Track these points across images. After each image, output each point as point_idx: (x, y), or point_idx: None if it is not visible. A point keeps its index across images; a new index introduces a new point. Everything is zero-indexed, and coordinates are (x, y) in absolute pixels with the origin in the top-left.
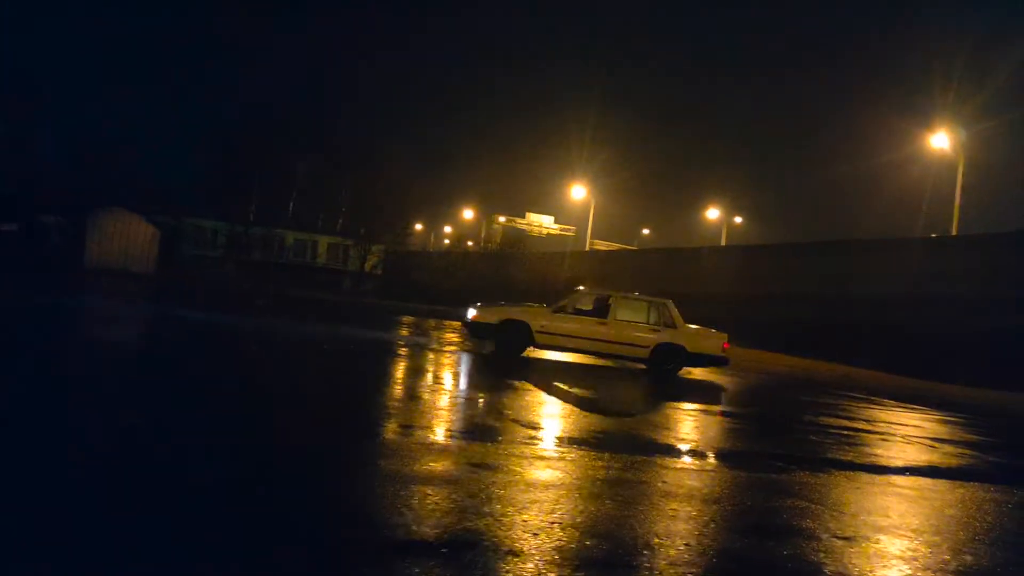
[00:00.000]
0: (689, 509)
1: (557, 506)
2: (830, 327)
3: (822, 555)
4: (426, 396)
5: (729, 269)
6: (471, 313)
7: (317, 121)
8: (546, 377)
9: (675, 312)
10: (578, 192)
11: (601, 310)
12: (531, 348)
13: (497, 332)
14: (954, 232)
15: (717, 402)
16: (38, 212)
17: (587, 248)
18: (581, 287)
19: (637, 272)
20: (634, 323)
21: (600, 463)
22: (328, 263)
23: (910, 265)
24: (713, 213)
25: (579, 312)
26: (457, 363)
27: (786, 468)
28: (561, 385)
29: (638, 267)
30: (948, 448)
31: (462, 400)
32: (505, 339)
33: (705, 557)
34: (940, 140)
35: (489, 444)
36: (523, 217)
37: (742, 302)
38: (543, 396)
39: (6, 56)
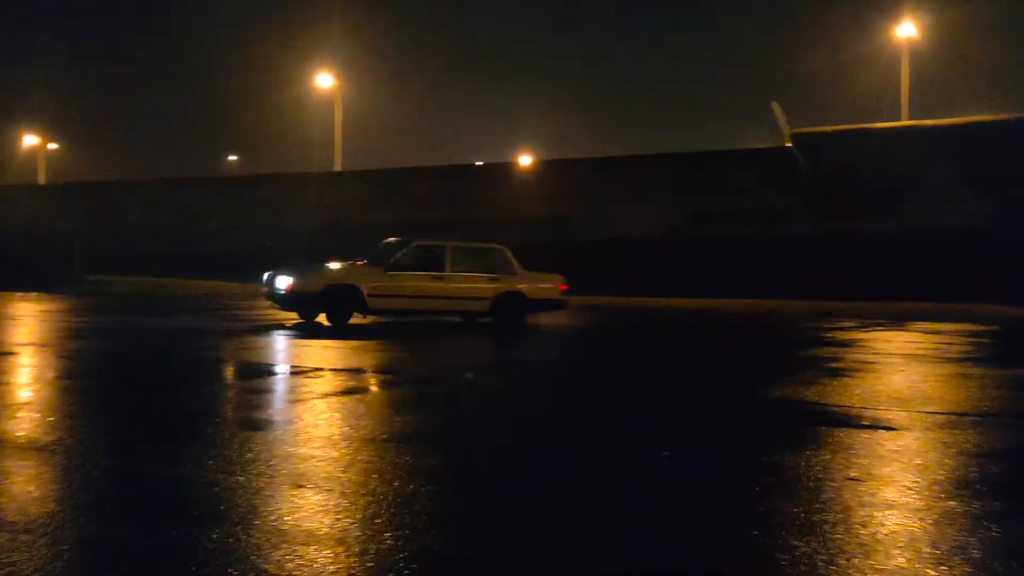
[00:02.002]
0: None
1: None
2: None
3: None
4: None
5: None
6: (286, 281)
7: None
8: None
9: (512, 258)
10: None
11: (436, 263)
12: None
13: (323, 301)
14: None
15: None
16: None
17: None
18: (392, 239)
19: None
20: (472, 274)
21: None
22: None
23: None
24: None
25: (413, 267)
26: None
27: None
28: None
29: None
30: None
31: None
32: (336, 307)
33: None
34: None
35: None
36: None
37: None
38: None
39: None
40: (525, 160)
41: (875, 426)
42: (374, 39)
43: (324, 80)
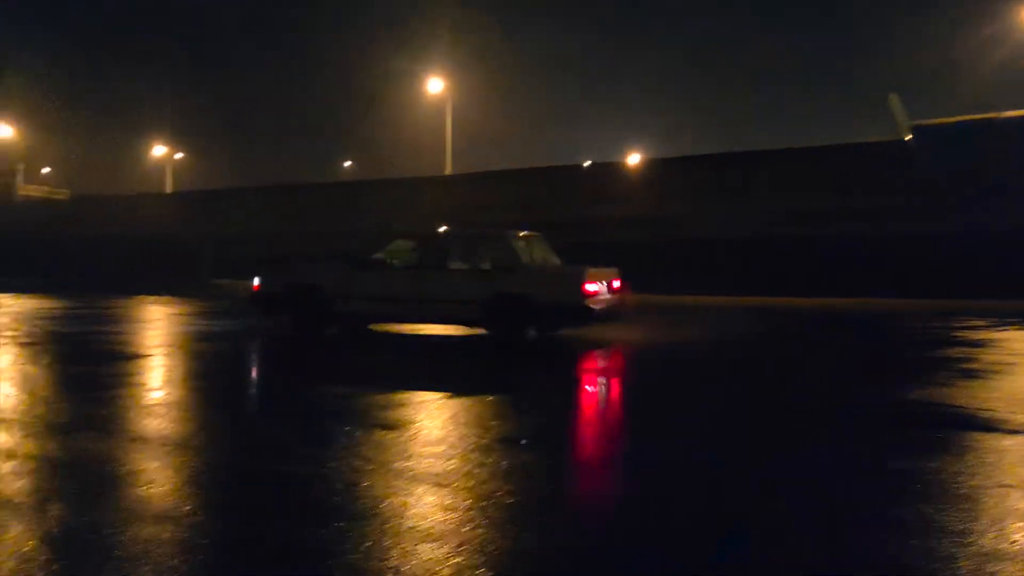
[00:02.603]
0: None
1: None
2: None
3: None
4: None
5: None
6: (255, 281)
7: None
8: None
9: (521, 249)
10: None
11: (414, 257)
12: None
13: (286, 304)
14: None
15: None
16: None
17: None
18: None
19: (75, 221)
20: (457, 271)
21: None
22: None
23: None
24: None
25: (389, 264)
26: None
27: None
28: None
29: (75, 215)
30: None
31: None
32: (298, 313)
33: None
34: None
35: None
36: None
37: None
38: None
39: None
40: (633, 159)
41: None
42: (484, 45)
43: (434, 85)
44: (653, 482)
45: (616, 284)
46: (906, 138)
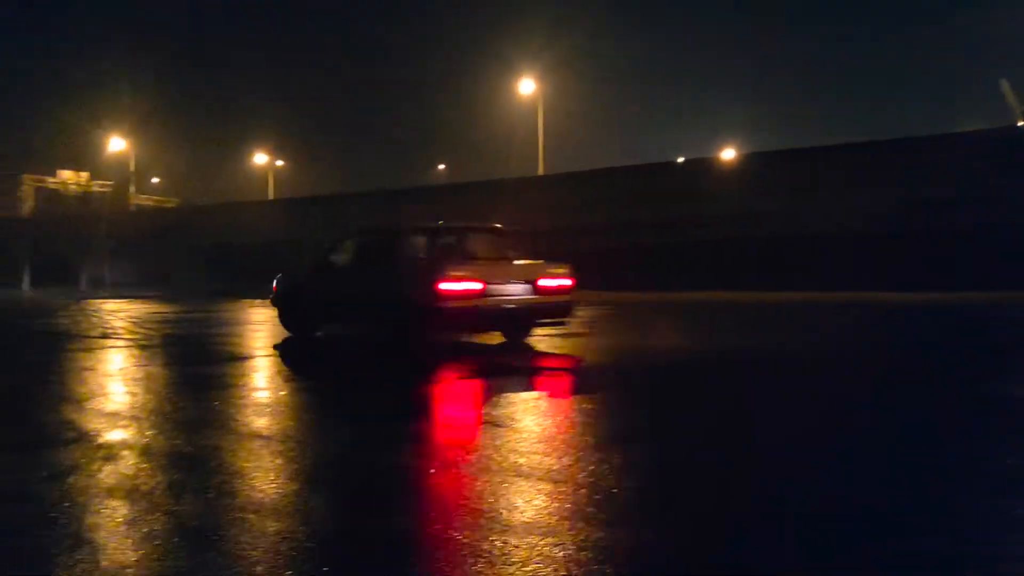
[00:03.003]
0: None
1: None
2: None
3: None
4: None
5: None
6: (273, 283)
7: None
8: None
9: (413, 242)
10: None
11: (347, 257)
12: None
13: (284, 305)
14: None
15: None
16: None
17: (130, 205)
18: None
19: (183, 228)
20: (371, 271)
21: None
22: None
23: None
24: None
25: (337, 266)
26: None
27: None
28: None
29: (183, 223)
30: None
31: None
32: (290, 315)
33: None
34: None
35: None
36: (53, 176)
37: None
38: None
39: None
40: (727, 154)
41: None
42: (576, 45)
43: (526, 86)
44: (769, 479)
45: (553, 283)
46: (1020, 123)
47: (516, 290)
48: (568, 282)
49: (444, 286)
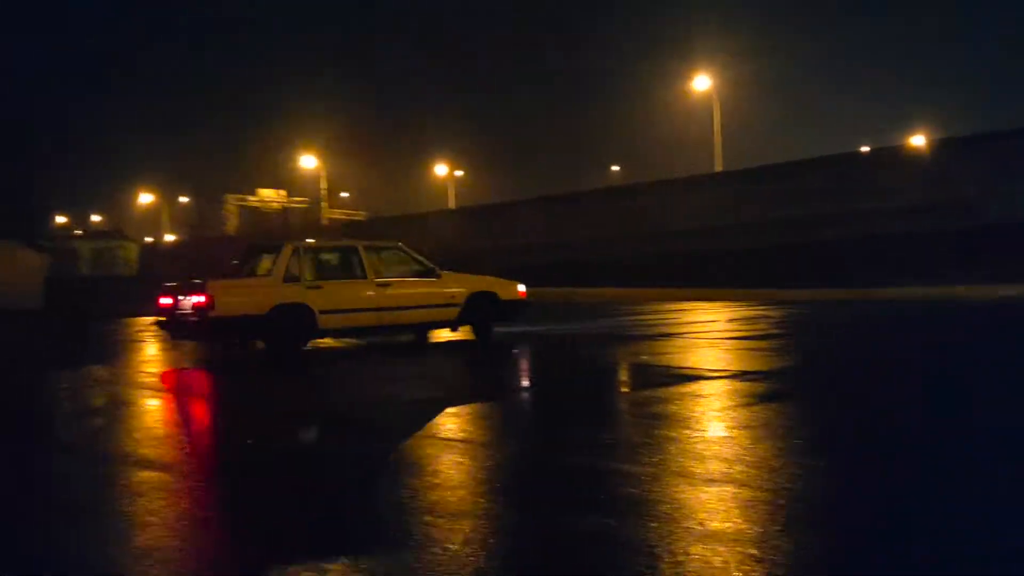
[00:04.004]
0: None
1: None
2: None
3: None
4: None
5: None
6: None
7: None
8: None
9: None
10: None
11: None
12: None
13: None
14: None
15: None
16: None
17: (323, 220)
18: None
19: (373, 240)
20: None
21: None
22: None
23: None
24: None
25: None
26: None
27: None
28: None
29: (376, 236)
30: None
31: None
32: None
33: None
34: (701, 82)
35: None
36: (254, 194)
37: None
38: None
39: None
40: (916, 140)
41: None
42: (751, 37)
43: (701, 82)
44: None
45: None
46: None
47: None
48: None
49: (165, 300)
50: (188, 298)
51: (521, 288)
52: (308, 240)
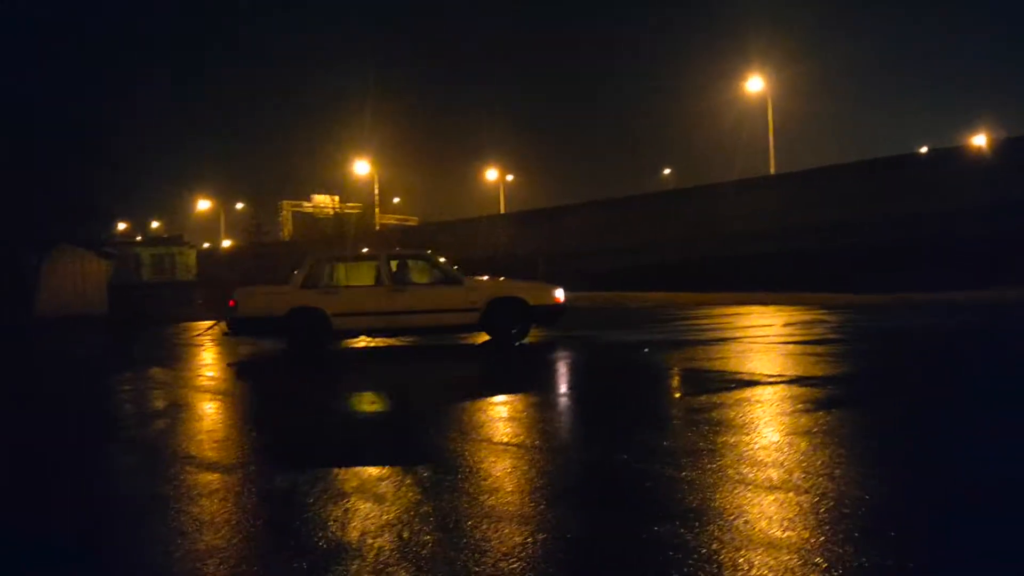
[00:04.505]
0: None
1: None
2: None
3: None
4: None
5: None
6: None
7: None
8: None
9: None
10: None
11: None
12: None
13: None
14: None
15: None
16: None
17: (376, 225)
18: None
19: (425, 245)
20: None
21: None
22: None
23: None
24: (491, 174)
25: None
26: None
27: None
28: None
29: (425, 241)
30: None
31: None
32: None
33: None
34: (754, 84)
35: None
36: (308, 200)
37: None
38: None
39: None
40: (978, 140)
41: None
42: (804, 38)
43: (754, 84)
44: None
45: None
46: None
47: None
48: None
49: None
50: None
51: (557, 293)
52: (335, 252)
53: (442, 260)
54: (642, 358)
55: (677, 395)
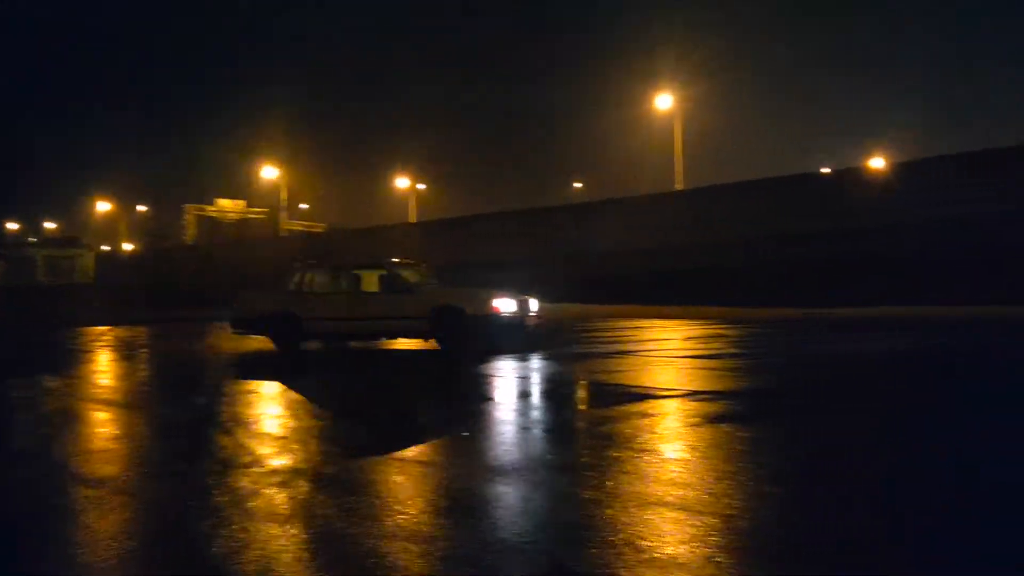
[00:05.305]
0: None
1: None
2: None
3: None
4: None
5: (415, 243)
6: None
7: None
8: None
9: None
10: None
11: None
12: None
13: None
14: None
15: None
16: None
17: (281, 231)
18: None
19: (326, 254)
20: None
21: None
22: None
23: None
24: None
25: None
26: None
27: None
28: None
29: (333, 248)
30: None
31: None
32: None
33: None
34: (663, 101)
35: None
36: (212, 204)
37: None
38: None
39: None
40: (876, 163)
41: None
42: (712, 56)
43: (663, 101)
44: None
45: None
46: None
47: None
48: None
49: None
50: None
51: (496, 303)
52: (312, 262)
53: (411, 268)
54: (541, 370)
55: (574, 408)
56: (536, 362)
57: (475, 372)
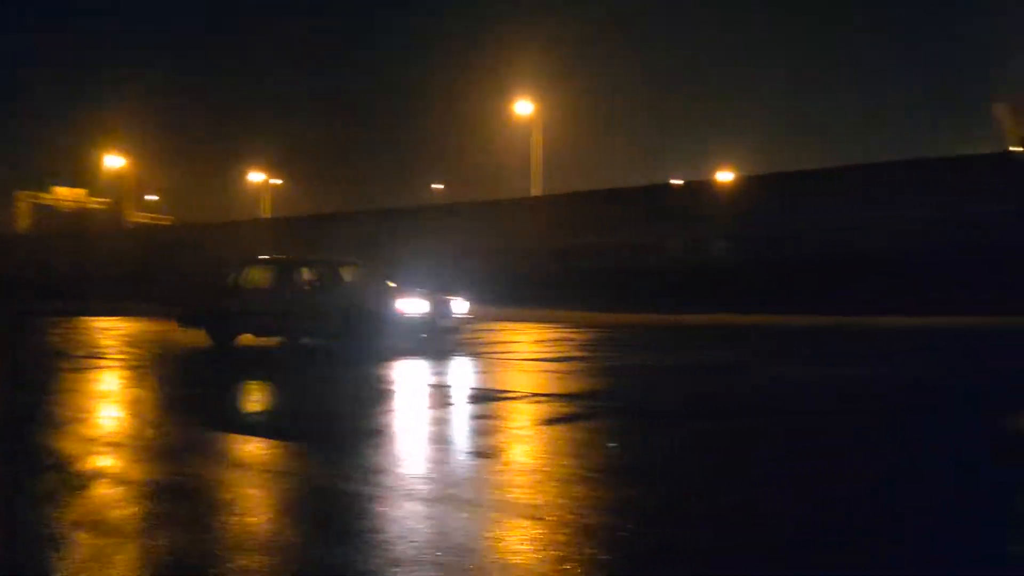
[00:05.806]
0: None
1: None
2: None
3: None
4: None
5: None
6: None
7: None
8: None
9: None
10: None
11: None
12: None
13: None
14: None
15: None
16: None
17: (129, 223)
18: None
19: (174, 248)
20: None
21: None
22: None
23: None
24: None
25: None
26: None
27: None
28: None
29: (174, 241)
30: None
31: None
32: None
33: None
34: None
35: None
36: (47, 192)
37: None
38: None
39: None
40: (724, 176)
41: None
42: (572, 66)
43: (523, 107)
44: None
45: None
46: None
47: None
48: None
49: None
50: None
51: (400, 304)
52: (258, 258)
53: (349, 266)
54: (386, 372)
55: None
56: (420, 363)
57: (343, 374)
